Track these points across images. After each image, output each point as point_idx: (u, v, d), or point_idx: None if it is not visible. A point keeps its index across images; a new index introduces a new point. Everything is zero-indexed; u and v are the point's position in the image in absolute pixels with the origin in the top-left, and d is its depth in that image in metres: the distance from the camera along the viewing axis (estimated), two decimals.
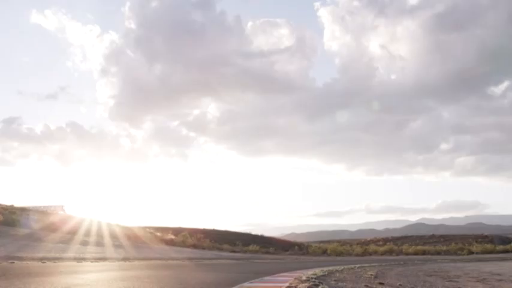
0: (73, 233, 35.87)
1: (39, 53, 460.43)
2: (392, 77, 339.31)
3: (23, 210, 43.86)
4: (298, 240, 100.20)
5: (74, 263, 19.21)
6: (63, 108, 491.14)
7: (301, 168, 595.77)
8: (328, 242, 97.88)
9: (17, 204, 47.03)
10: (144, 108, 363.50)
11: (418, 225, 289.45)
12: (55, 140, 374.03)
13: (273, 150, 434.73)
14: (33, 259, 19.02)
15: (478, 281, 15.04)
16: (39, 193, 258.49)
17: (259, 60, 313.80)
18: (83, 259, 22.01)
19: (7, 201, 45.91)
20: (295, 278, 12.66)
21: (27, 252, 22.12)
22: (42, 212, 46.39)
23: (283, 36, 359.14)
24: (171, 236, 52.32)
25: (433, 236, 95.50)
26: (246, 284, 10.73)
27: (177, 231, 60.95)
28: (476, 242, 77.40)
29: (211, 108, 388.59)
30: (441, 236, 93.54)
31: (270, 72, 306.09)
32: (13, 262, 16.43)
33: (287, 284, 10.63)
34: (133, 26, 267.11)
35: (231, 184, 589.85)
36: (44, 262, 17.67)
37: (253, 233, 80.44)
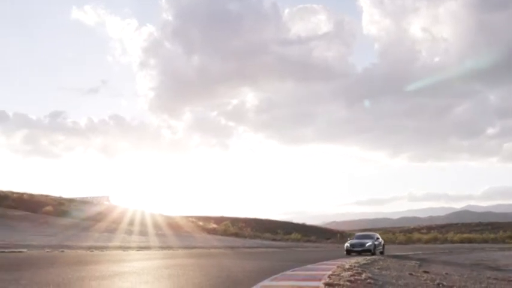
0: (118, 222, 37.01)
1: (80, 48, 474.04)
2: (436, 59, 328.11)
3: (70, 201, 45.59)
4: (340, 228, 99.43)
5: (120, 251, 19.80)
6: (104, 101, 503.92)
7: (341, 156, 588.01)
8: (370, 230, 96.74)
9: (65, 195, 48.78)
10: (183, 100, 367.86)
11: (463, 212, 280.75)
12: (98, 132, 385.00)
13: (312, 138, 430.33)
14: (81, 248, 19.75)
15: None
16: (85, 184, 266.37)
17: (297, 47, 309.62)
18: (128, 248, 22.67)
19: (56, 193, 47.68)
20: (337, 266, 12.53)
21: (76, 241, 23.01)
22: (88, 202, 48.01)
23: (320, 22, 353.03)
24: (213, 225, 53.10)
25: (479, 224, 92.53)
26: (289, 272, 10.70)
27: (219, 220, 61.81)
28: None
29: (249, 97, 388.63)
30: (488, 224, 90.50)
31: (308, 59, 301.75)
32: (63, 251, 17.11)
33: (330, 272, 10.51)
34: (170, 17, 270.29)
35: (272, 173, 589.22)
36: (91, 251, 18.30)
37: (294, 221, 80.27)
